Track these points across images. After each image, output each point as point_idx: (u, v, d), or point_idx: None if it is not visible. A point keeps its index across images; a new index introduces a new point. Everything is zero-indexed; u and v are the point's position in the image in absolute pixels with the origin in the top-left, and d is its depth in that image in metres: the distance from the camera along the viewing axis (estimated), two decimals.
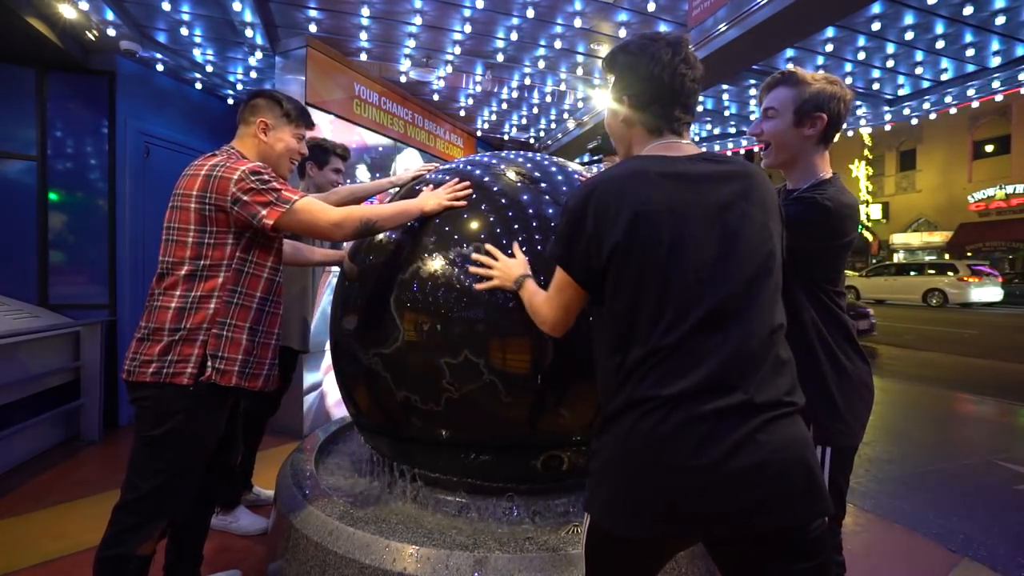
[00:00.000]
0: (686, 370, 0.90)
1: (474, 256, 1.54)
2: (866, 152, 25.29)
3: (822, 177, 1.41)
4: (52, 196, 3.93)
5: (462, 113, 6.32)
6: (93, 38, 3.76)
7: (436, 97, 5.74)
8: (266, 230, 1.47)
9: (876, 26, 4.42)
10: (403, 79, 5.17)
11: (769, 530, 0.89)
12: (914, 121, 6.50)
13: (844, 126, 1.45)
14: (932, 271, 16.14)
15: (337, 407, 4.09)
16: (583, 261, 0.99)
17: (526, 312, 1.43)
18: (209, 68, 4.51)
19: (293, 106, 1.71)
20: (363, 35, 4.28)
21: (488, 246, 1.54)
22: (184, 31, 3.87)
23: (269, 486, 2.41)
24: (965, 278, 15.23)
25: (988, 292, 15.24)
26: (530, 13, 4.03)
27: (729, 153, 8.96)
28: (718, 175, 1.00)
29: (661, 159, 1.03)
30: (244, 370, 1.52)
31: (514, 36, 4.39)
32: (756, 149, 1.64)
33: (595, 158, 1.77)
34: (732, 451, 0.87)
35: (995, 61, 5.12)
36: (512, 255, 1.51)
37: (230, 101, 5.12)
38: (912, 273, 16.56)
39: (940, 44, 4.72)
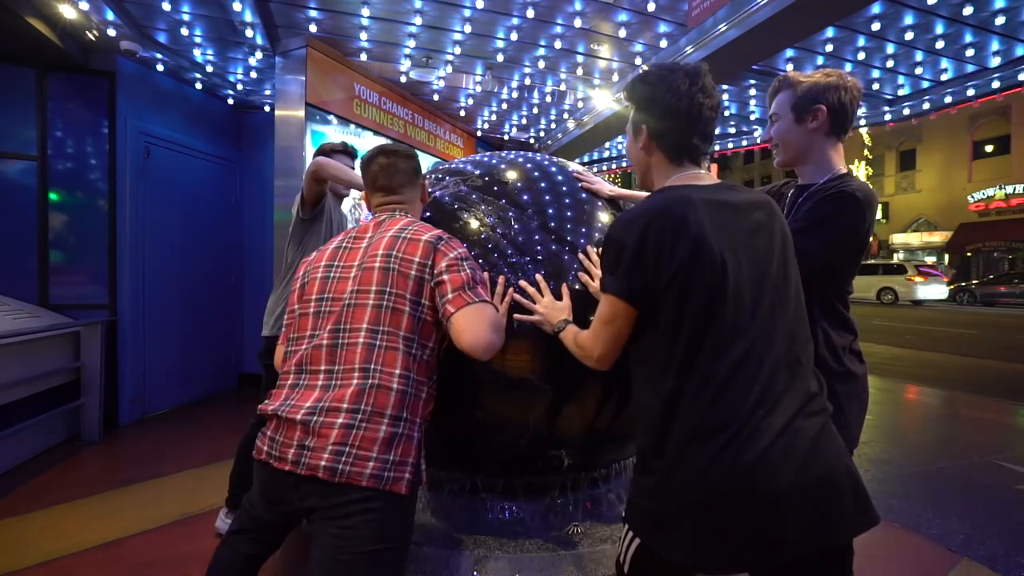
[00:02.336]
0: (746, 390, 0.94)
1: (522, 283, 1.47)
2: (866, 152, 25.31)
3: (838, 171, 1.40)
4: (52, 196, 3.93)
5: (462, 113, 6.32)
6: (93, 38, 3.76)
7: (436, 97, 5.74)
8: (443, 316, 1.28)
9: (876, 26, 4.42)
10: (403, 79, 5.17)
11: (842, 541, 0.95)
12: (914, 121, 6.49)
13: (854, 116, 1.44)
14: (900, 272, 17.70)
15: None
16: (644, 291, 1.00)
17: (521, 309, 1.43)
18: (209, 68, 4.51)
19: None
20: (363, 35, 4.28)
21: (539, 277, 1.47)
22: (184, 31, 3.87)
23: None
24: (912, 278, 17.04)
25: (933, 290, 17.15)
26: (530, 13, 4.03)
27: (729, 153, 8.98)
28: (747, 203, 1.07)
29: (699, 187, 1.07)
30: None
31: (514, 36, 4.39)
32: (756, 149, 1.66)
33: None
34: (804, 465, 0.91)
35: (995, 61, 5.12)
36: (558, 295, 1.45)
37: (230, 101, 5.11)
38: (867, 273, 17.72)
39: (940, 44, 4.72)
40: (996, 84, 5.43)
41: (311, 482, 1.14)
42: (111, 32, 3.71)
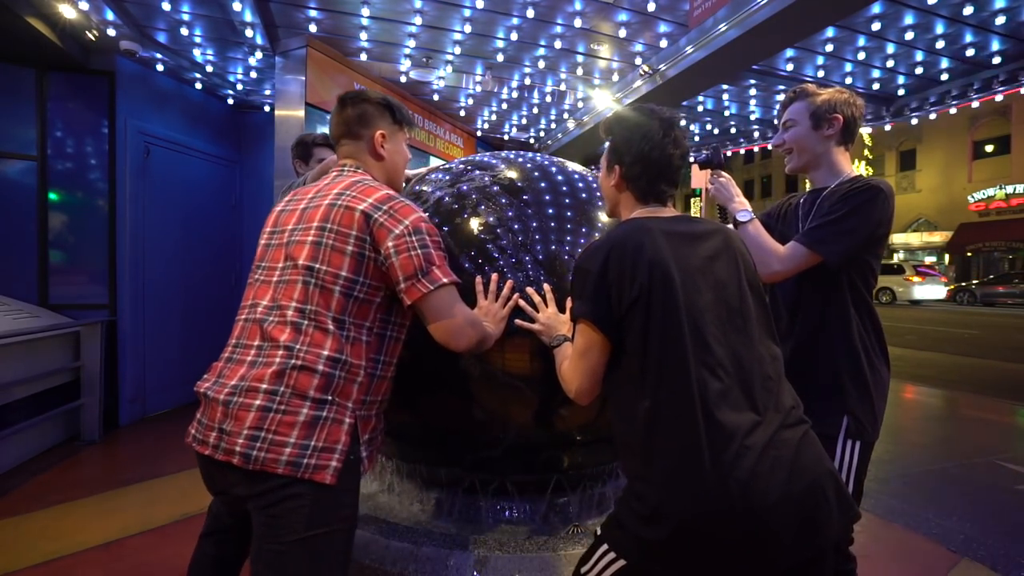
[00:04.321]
0: (725, 406, 0.96)
1: (529, 290, 1.48)
2: (866, 152, 25.30)
3: (851, 174, 1.50)
4: (52, 196, 3.93)
5: (462, 113, 6.33)
6: (93, 38, 3.76)
7: (436, 97, 5.74)
8: (403, 304, 1.21)
9: (876, 26, 4.42)
10: (403, 79, 5.17)
11: (830, 543, 0.97)
12: (914, 121, 6.50)
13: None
14: (898, 272, 17.85)
15: None
16: (607, 312, 1.05)
17: (524, 313, 1.43)
18: (209, 68, 4.51)
19: (400, 108, 1.41)
20: (363, 35, 4.29)
21: (547, 288, 1.47)
22: (184, 31, 3.87)
23: None
24: (910, 278, 17.19)
25: (931, 290, 17.29)
26: (530, 13, 4.03)
27: (729, 153, 8.97)
28: (701, 232, 1.14)
29: (658, 219, 1.16)
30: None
31: (514, 36, 4.39)
32: (756, 149, 1.74)
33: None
34: (791, 475, 0.94)
35: (995, 61, 5.13)
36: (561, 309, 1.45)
37: (230, 101, 5.11)
38: None
39: (940, 44, 4.73)
40: (996, 84, 5.44)
41: (231, 468, 1.07)
42: (111, 32, 3.72)
